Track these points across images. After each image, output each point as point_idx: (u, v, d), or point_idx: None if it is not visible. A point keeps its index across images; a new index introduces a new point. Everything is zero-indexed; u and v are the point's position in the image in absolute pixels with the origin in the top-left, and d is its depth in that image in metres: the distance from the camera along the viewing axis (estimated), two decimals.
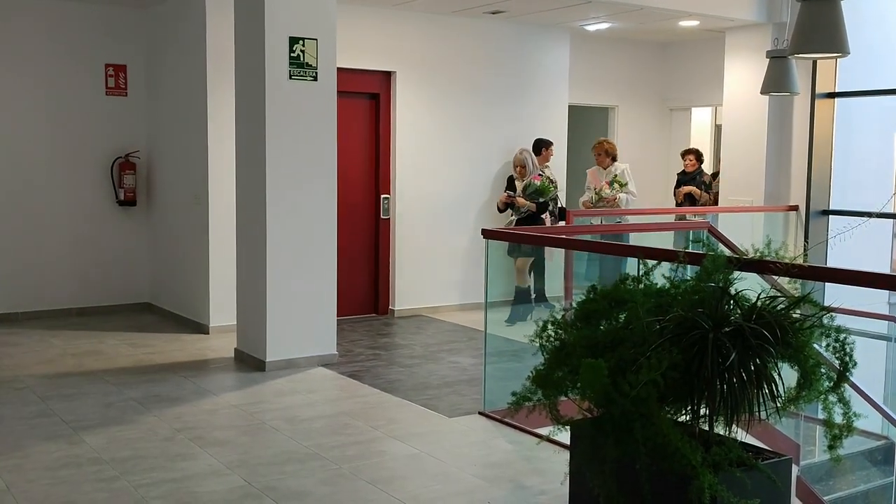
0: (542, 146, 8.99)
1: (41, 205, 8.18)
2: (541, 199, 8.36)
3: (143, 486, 4.24)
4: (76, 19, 8.22)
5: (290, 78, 6.34)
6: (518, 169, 8.53)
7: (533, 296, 8.53)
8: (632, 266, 4.22)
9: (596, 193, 8.74)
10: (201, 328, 7.76)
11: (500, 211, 8.58)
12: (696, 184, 9.14)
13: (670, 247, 6.47)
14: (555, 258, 8.35)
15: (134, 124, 8.57)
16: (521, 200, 8.34)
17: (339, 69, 6.63)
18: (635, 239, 7.27)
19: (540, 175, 8.40)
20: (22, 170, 8.08)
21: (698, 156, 9.40)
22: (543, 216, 8.49)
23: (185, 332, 7.76)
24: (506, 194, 8.49)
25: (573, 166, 9.83)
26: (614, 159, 8.88)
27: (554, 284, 8.26)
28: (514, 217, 8.46)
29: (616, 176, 8.72)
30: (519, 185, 8.46)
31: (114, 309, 8.54)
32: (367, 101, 8.57)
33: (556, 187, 8.69)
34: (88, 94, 8.32)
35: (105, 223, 8.51)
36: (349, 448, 4.83)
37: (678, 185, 9.34)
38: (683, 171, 9.40)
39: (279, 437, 5.00)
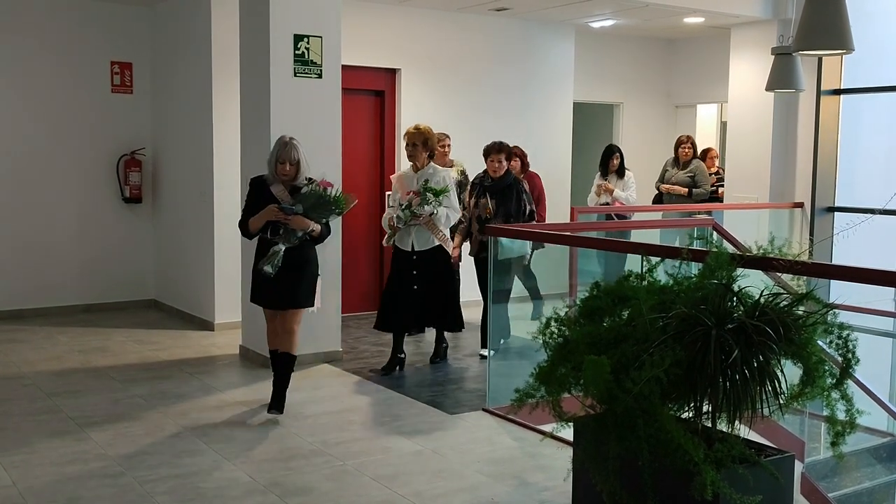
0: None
1: (47, 202, 8.21)
2: (331, 218, 5.34)
3: (148, 481, 4.26)
4: (82, 17, 8.24)
5: (295, 75, 6.35)
6: (287, 167, 5.15)
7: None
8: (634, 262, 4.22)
9: (403, 208, 6.23)
10: (207, 325, 7.78)
11: (250, 236, 5.33)
12: (513, 192, 6.73)
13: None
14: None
15: (139, 122, 8.59)
16: (301, 220, 5.11)
17: (343, 66, 6.64)
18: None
19: (330, 182, 5.31)
20: (28, 167, 8.11)
21: (522, 157, 7.37)
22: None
23: (191, 329, 7.78)
24: (274, 209, 5.10)
25: (577, 165, 9.82)
26: (431, 156, 6.43)
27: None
28: (280, 246, 5.11)
29: (427, 183, 6.21)
30: (280, 191, 5.20)
31: (120, 306, 8.57)
32: (372, 98, 8.58)
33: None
34: (94, 92, 8.34)
35: (111, 220, 8.53)
36: (353, 444, 4.84)
37: (480, 193, 6.83)
38: (485, 173, 6.88)
39: (284, 433, 5.02)
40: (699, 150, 9.45)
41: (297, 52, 6.34)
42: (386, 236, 6.48)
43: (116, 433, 4.98)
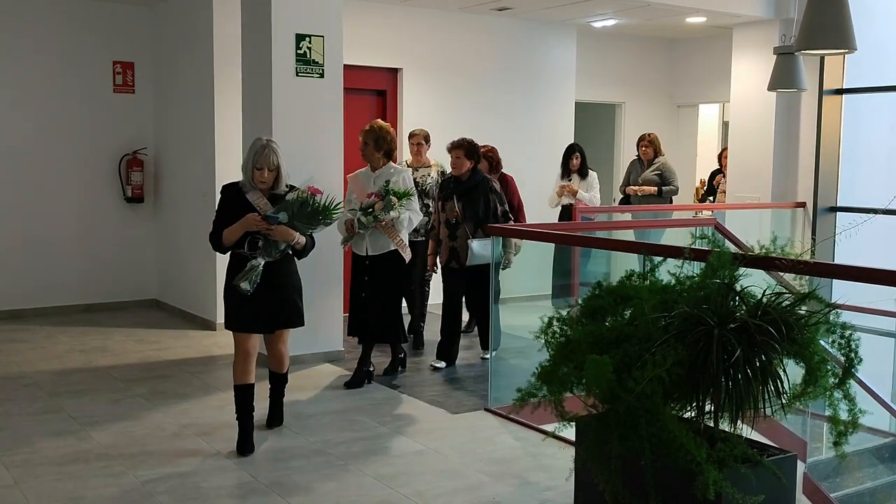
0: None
1: (49, 202, 8.21)
2: (318, 229, 4.79)
3: (150, 481, 4.26)
4: (84, 16, 8.25)
5: (297, 75, 6.35)
6: (265, 173, 4.60)
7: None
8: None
9: (363, 212, 5.76)
10: (208, 324, 7.78)
11: (223, 249, 4.79)
12: (480, 193, 6.37)
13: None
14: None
15: (141, 121, 8.59)
16: (284, 231, 4.57)
17: (345, 66, 6.64)
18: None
19: (318, 189, 4.71)
20: (30, 167, 8.10)
21: (491, 158, 6.97)
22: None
23: (193, 329, 7.78)
24: (254, 218, 4.56)
25: None
26: (389, 156, 6.00)
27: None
28: (259, 260, 4.57)
29: (389, 185, 5.80)
30: (258, 198, 4.66)
31: (121, 305, 8.57)
32: (373, 97, 8.58)
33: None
34: (96, 92, 8.34)
35: (113, 220, 8.53)
36: (355, 444, 4.84)
37: (448, 195, 6.51)
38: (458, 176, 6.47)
39: (285, 432, 5.01)
40: (719, 151, 9.42)
41: (298, 51, 6.34)
42: (342, 239, 6.05)
43: (118, 433, 4.97)
